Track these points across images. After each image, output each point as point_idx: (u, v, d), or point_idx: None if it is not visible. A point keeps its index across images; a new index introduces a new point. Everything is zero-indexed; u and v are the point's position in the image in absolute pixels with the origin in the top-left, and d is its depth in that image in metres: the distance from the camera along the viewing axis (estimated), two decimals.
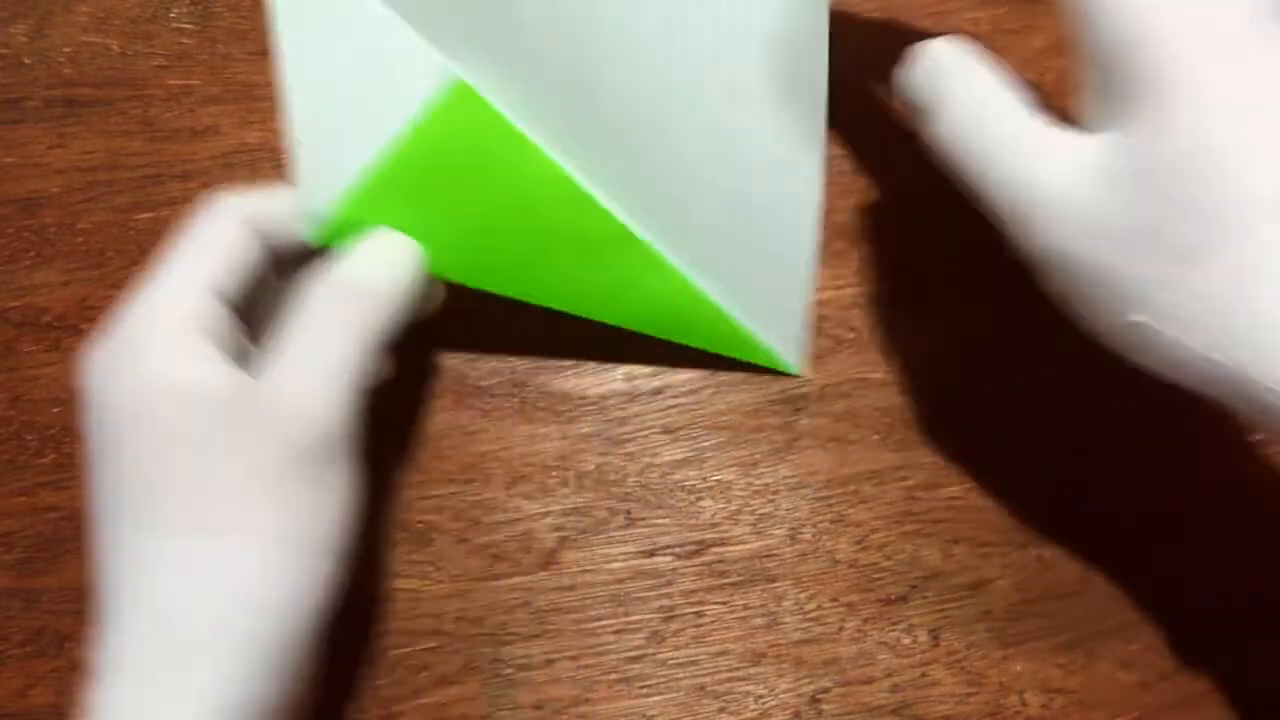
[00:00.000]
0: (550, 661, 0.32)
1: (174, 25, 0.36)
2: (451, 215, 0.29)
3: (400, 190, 0.29)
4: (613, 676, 0.32)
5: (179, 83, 0.36)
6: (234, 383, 0.25)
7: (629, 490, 0.34)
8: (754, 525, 0.33)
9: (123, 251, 0.35)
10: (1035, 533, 0.33)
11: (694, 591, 0.33)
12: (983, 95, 0.24)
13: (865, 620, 0.33)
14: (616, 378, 0.35)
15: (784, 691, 0.32)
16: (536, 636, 0.32)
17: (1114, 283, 0.22)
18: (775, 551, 0.33)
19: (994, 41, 0.37)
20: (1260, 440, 0.33)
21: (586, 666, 0.32)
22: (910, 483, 0.34)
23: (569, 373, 0.35)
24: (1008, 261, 0.29)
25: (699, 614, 0.33)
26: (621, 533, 0.33)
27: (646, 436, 0.34)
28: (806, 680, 0.32)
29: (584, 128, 0.29)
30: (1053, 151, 0.23)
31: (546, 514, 0.33)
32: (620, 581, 0.33)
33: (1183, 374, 0.22)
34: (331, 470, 0.26)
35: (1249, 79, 0.20)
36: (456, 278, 0.30)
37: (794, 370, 0.34)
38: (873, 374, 0.34)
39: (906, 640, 0.33)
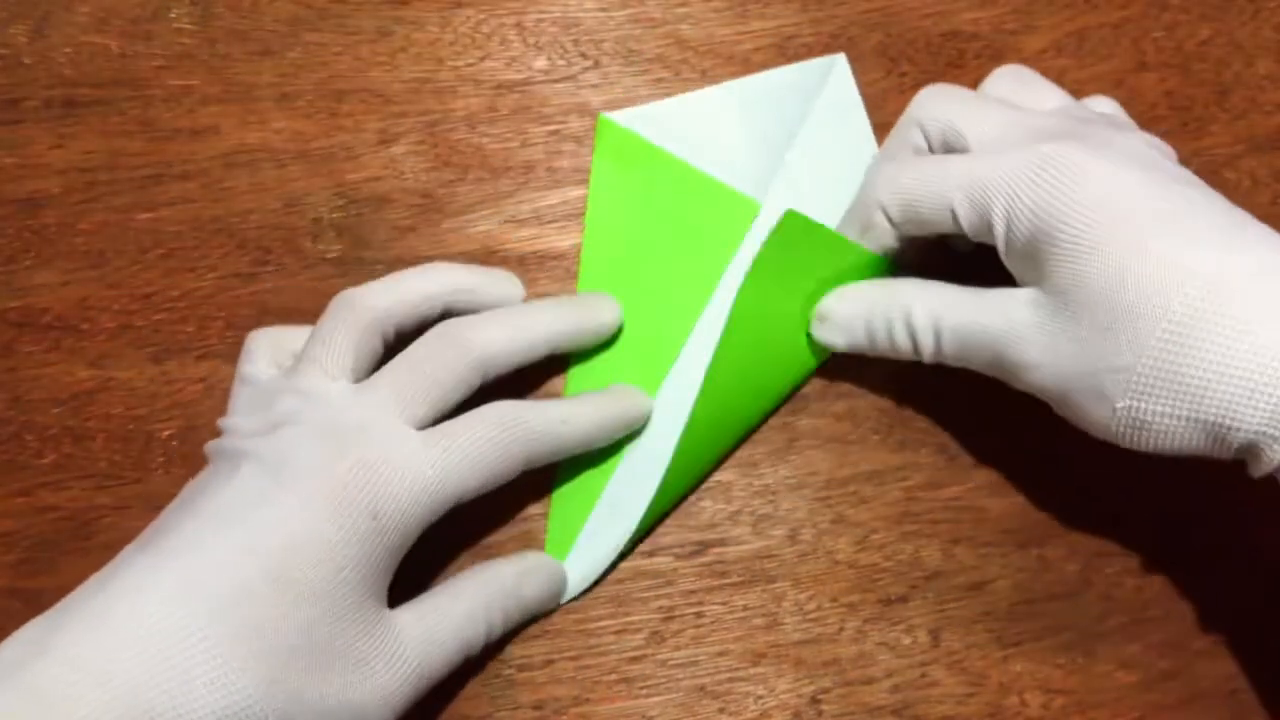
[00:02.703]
0: (550, 661, 0.32)
1: (174, 25, 0.36)
2: None
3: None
4: (613, 676, 0.32)
5: (179, 83, 0.36)
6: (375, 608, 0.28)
7: None
8: (754, 525, 0.33)
9: (123, 251, 0.35)
10: (1035, 533, 0.33)
11: (694, 591, 0.33)
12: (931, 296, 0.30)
13: (865, 620, 0.33)
14: None
15: (784, 691, 0.32)
16: (536, 636, 0.32)
17: (1090, 386, 0.27)
18: (775, 552, 0.33)
19: (994, 41, 0.37)
20: None
21: (586, 666, 0.32)
22: (910, 483, 0.34)
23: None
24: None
25: (699, 614, 0.33)
26: None
27: None
28: (806, 680, 0.32)
29: None
30: (1003, 304, 0.29)
31: (547, 514, 0.33)
32: (620, 581, 0.33)
33: (1177, 441, 0.27)
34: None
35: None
36: None
37: None
38: (873, 374, 0.34)
39: (906, 640, 0.33)
